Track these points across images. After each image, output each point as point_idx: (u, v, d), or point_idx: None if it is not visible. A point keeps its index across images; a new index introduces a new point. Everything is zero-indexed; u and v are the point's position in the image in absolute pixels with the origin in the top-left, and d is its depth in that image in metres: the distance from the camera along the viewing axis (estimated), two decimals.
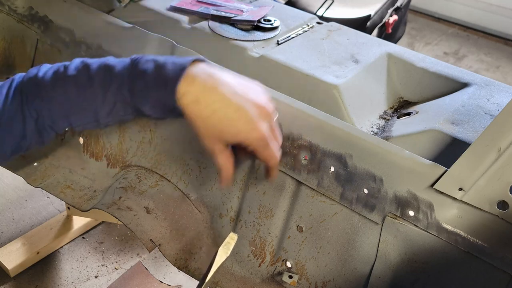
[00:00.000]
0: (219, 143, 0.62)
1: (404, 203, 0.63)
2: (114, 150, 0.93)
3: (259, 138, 0.61)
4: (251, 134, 0.60)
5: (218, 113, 0.59)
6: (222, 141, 0.62)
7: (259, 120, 0.60)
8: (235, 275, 0.80)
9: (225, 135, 0.61)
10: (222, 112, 0.59)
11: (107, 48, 0.88)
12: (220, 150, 0.63)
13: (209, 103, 0.59)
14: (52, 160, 0.97)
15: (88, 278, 1.16)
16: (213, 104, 0.59)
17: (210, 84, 0.59)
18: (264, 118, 0.61)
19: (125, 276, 1.25)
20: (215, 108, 0.59)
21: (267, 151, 0.63)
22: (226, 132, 0.61)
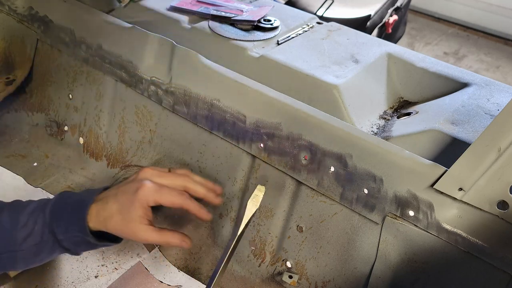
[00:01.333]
0: (144, 232, 0.67)
1: (404, 203, 0.63)
2: (114, 150, 0.93)
3: (145, 193, 0.66)
4: (137, 197, 0.66)
5: (114, 217, 0.66)
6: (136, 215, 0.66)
7: (134, 187, 0.67)
8: (235, 275, 0.80)
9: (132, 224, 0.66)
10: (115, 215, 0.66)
11: (107, 48, 0.88)
12: (154, 235, 0.67)
13: (106, 215, 0.67)
14: (52, 160, 0.97)
15: (88, 278, 1.16)
16: (109, 216, 0.66)
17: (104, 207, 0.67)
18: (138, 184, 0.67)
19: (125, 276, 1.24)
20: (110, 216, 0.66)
21: (166, 197, 0.67)
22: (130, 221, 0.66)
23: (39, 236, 0.67)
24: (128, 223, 0.66)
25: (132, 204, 0.66)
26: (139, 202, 0.66)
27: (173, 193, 0.68)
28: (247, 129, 0.75)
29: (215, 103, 0.77)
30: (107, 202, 0.67)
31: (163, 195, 0.67)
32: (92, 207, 0.67)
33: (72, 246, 0.68)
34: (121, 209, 0.66)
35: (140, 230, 0.66)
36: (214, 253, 0.82)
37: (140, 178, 0.68)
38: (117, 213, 0.66)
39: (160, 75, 0.83)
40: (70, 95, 0.97)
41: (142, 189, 0.66)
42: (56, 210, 0.68)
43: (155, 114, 0.86)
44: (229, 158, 0.79)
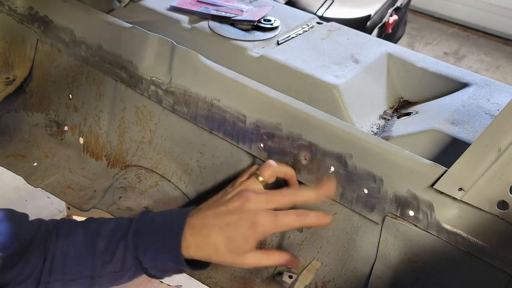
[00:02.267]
0: (253, 258, 0.62)
1: (404, 203, 0.63)
2: (114, 150, 0.93)
3: (264, 228, 0.60)
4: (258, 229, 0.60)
5: (220, 251, 0.61)
6: (249, 248, 0.61)
7: (247, 220, 0.60)
8: (235, 275, 0.80)
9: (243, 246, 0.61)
10: (221, 248, 0.61)
11: (107, 48, 0.88)
12: (264, 259, 0.63)
13: (210, 250, 0.61)
14: (52, 160, 0.97)
15: None
16: (213, 250, 0.61)
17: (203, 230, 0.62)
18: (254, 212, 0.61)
19: None
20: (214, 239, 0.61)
21: (284, 226, 0.62)
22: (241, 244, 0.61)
23: (120, 263, 0.63)
24: (238, 256, 0.61)
25: (246, 240, 0.60)
26: (256, 237, 0.60)
27: (290, 218, 0.62)
28: (247, 129, 0.75)
29: (215, 103, 0.77)
30: (208, 234, 0.61)
31: (281, 224, 0.61)
32: (186, 236, 0.61)
33: (158, 273, 0.64)
34: (230, 244, 0.60)
35: (248, 258, 0.61)
36: None
37: (252, 209, 0.61)
38: (224, 247, 0.60)
39: (160, 75, 0.83)
40: (70, 95, 0.97)
41: (261, 225, 0.60)
42: (140, 235, 0.63)
43: (155, 114, 0.86)
44: (229, 158, 0.79)
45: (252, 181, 0.66)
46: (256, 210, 0.61)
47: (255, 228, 0.60)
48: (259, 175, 0.67)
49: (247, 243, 0.60)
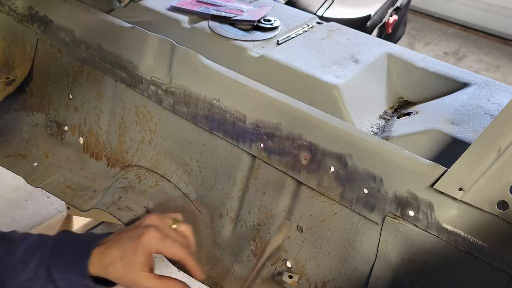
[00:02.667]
0: (145, 279, 0.65)
1: (404, 203, 0.63)
2: (114, 150, 0.93)
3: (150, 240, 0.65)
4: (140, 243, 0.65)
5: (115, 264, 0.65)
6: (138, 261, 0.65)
7: (139, 233, 0.66)
8: (235, 275, 0.80)
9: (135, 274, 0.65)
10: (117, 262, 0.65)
11: (107, 48, 0.88)
12: (155, 283, 0.66)
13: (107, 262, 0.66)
14: (52, 160, 0.97)
15: None
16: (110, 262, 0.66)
17: None
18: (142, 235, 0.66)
19: None
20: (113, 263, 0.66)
21: (169, 248, 0.66)
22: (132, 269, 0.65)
23: (33, 272, 0.66)
24: (129, 270, 0.65)
25: (135, 250, 0.65)
26: (142, 248, 0.65)
27: (175, 246, 0.67)
28: (247, 129, 0.75)
29: (215, 103, 0.77)
30: (109, 247, 0.66)
31: (166, 246, 0.66)
32: (95, 254, 0.66)
33: (66, 286, 0.68)
34: (123, 256, 0.65)
35: (140, 277, 0.65)
36: (214, 253, 0.82)
37: (146, 224, 0.67)
38: (119, 259, 0.65)
39: (160, 75, 0.83)
40: (70, 95, 0.97)
41: (147, 236, 0.65)
42: (56, 250, 0.68)
43: (155, 114, 0.86)
44: (229, 158, 0.79)
45: (166, 217, 0.71)
46: (149, 225, 0.67)
47: (141, 239, 0.64)
48: (176, 223, 0.71)
49: (135, 255, 0.64)
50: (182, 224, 0.72)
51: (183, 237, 0.70)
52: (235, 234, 0.81)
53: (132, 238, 0.66)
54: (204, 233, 0.83)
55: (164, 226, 0.68)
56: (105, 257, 0.65)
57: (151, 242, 0.65)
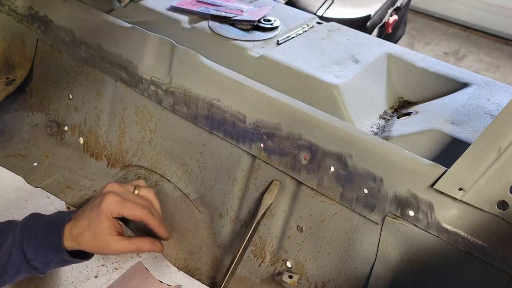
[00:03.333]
0: (114, 242, 0.69)
1: (404, 203, 0.63)
2: (114, 150, 0.93)
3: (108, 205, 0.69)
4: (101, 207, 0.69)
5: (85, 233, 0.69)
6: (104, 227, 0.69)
7: (99, 201, 0.70)
8: (235, 275, 0.80)
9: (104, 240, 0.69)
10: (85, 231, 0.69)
11: (107, 48, 0.88)
12: (124, 244, 0.70)
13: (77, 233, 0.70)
14: (52, 160, 0.97)
15: (88, 278, 1.16)
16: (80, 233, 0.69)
17: None
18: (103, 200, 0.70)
19: (125, 276, 1.24)
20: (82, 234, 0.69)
21: (129, 210, 0.70)
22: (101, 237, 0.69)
23: (7, 256, 0.68)
24: (98, 236, 0.68)
25: (98, 217, 0.68)
26: (104, 214, 0.68)
27: (135, 207, 0.70)
28: (247, 129, 0.75)
29: (215, 103, 0.77)
30: (77, 219, 0.69)
31: (125, 207, 0.69)
32: (66, 229, 0.69)
33: (41, 265, 0.70)
34: (90, 224, 0.68)
35: (110, 241, 0.68)
36: (214, 253, 0.82)
37: (105, 191, 0.71)
38: (87, 228, 0.68)
39: (160, 75, 0.83)
40: (70, 95, 0.97)
41: (105, 201, 0.68)
42: (28, 230, 0.70)
43: (155, 114, 0.86)
44: (229, 158, 0.79)
45: (127, 185, 0.75)
46: (108, 192, 0.70)
47: (101, 205, 0.68)
48: (137, 189, 0.75)
49: (99, 221, 0.68)
50: (143, 189, 0.75)
51: (144, 200, 0.73)
52: (235, 234, 0.81)
53: (94, 207, 0.69)
54: (204, 233, 0.83)
55: (124, 192, 0.72)
56: (74, 229, 0.69)
57: (111, 206, 0.68)
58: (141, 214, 0.70)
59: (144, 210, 0.70)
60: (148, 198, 0.75)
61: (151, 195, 0.75)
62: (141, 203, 0.72)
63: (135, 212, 0.70)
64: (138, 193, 0.74)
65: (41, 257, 0.69)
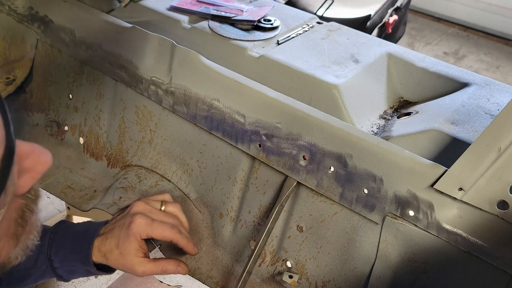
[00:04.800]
0: (140, 265, 0.70)
1: (404, 203, 0.63)
2: (114, 150, 0.93)
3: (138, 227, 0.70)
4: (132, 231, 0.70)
5: (113, 252, 0.71)
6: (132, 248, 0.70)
7: (128, 222, 0.71)
8: (235, 275, 0.80)
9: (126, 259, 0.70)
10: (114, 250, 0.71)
11: (107, 48, 0.88)
12: (150, 266, 0.71)
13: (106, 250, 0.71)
14: (52, 160, 0.97)
15: (88, 278, 1.16)
16: (108, 251, 0.71)
17: None
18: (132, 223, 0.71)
19: (125, 276, 1.24)
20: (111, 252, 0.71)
21: (157, 231, 0.71)
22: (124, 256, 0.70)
23: (33, 261, 0.69)
24: (125, 256, 0.69)
25: (127, 238, 0.69)
26: (133, 236, 0.69)
27: (164, 227, 0.71)
28: (247, 129, 0.75)
29: (215, 103, 0.77)
30: (107, 237, 0.71)
31: (154, 229, 0.70)
32: (95, 242, 0.71)
33: (66, 274, 0.71)
34: (118, 243, 0.70)
35: (136, 263, 0.69)
36: (214, 253, 0.82)
37: (133, 212, 0.72)
38: (115, 248, 0.70)
39: (160, 75, 0.83)
40: (70, 95, 0.97)
41: (135, 223, 0.70)
42: (57, 238, 0.71)
43: (155, 114, 0.86)
44: (229, 158, 0.79)
45: (154, 201, 0.76)
46: (136, 213, 0.71)
47: (131, 227, 0.70)
48: (164, 205, 0.76)
49: (128, 243, 0.69)
50: (170, 204, 0.76)
51: (172, 217, 0.74)
52: (236, 234, 0.81)
53: (123, 227, 0.71)
54: (204, 233, 0.83)
55: (151, 210, 0.73)
56: (103, 246, 0.71)
57: (140, 229, 0.70)
58: (170, 235, 0.71)
59: (172, 230, 0.71)
60: (175, 214, 0.76)
61: (177, 211, 0.76)
62: (169, 221, 0.73)
63: (164, 233, 0.71)
64: (165, 209, 0.75)
65: (67, 267, 0.71)
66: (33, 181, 0.42)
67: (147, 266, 0.70)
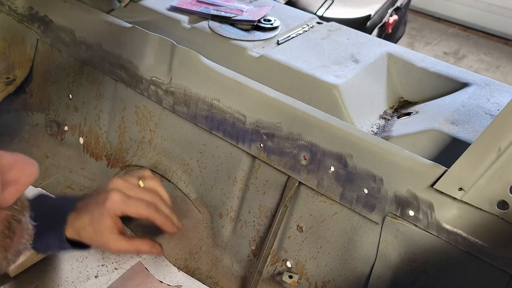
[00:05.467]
0: (114, 242, 0.68)
1: (404, 203, 0.63)
2: (114, 150, 0.93)
3: (112, 204, 0.68)
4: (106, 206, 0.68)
5: (86, 228, 0.68)
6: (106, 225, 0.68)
7: (103, 198, 0.69)
8: (235, 275, 0.80)
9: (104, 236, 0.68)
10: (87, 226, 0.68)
11: (107, 48, 0.88)
12: (124, 244, 0.69)
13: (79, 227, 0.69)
14: (52, 160, 0.97)
15: (88, 278, 1.16)
16: (82, 227, 0.69)
17: None
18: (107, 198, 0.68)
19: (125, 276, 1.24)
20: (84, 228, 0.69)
21: (133, 209, 0.69)
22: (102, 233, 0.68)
23: None
24: (99, 234, 0.68)
25: (101, 215, 0.67)
26: (108, 212, 0.67)
27: (140, 205, 0.69)
28: (247, 129, 0.75)
29: (215, 103, 0.77)
30: (80, 213, 0.69)
31: (129, 206, 0.68)
32: (68, 218, 0.69)
33: (41, 247, 0.70)
34: (92, 220, 0.68)
35: (110, 240, 0.68)
36: (214, 253, 0.82)
37: (109, 188, 0.70)
38: (89, 224, 0.68)
39: (160, 75, 0.83)
40: (70, 95, 0.97)
41: (110, 200, 0.67)
42: (34, 214, 0.70)
43: (155, 114, 0.86)
44: (229, 158, 0.79)
45: (132, 177, 0.73)
46: (113, 189, 0.69)
47: (106, 203, 0.67)
48: (142, 179, 0.73)
49: (102, 220, 0.67)
50: (149, 179, 0.74)
51: (150, 194, 0.71)
52: (235, 234, 0.81)
53: (97, 204, 0.68)
54: (204, 233, 0.83)
55: (129, 187, 0.70)
56: (77, 223, 0.68)
57: (115, 206, 0.67)
58: (146, 213, 0.69)
59: (148, 208, 0.69)
60: (155, 189, 0.73)
61: (157, 185, 0.74)
62: (146, 198, 0.70)
63: (139, 211, 0.69)
64: (144, 185, 0.73)
65: (43, 241, 0.69)
66: (19, 193, 0.41)
67: (121, 244, 0.68)
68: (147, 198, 0.71)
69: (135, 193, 0.70)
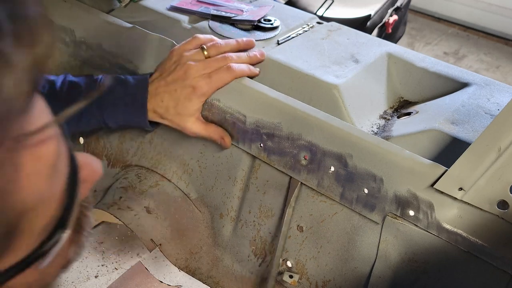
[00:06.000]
0: (193, 123, 0.74)
1: (404, 203, 0.63)
2: (114, 150, 0.93)
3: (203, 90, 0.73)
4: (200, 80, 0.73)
5: (169, 111, 0.74)
6: (193, 108, 0.74)
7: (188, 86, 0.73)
8: (235, 275, 0.80)
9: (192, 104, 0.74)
10: (171, 109, 0.74)
11: (107, 48, 0.88)
12: (201, 127, 0.75)
13: (162, 112, 0.75)
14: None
15: (88, 278, 1.16)
16: (165, 111, 0.75)
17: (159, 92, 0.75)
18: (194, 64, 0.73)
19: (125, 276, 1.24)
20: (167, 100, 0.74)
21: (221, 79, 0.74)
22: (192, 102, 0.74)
23: (86, 124, 0.75)
24: (182, 116, 0.74)
25: (190, 101, 0.73)
26: (199, 99, 0.73)
27: (222, 75, 0.73)
28: (247, 129, 0.75)
29: (215, 103, 0.77)
30: (162, 99, 0.73)
31: (215, 82, 0.73)
32: (148, 103, 0.74)
33: (116, 126, 0.77)
34: (177, 105, 0.73)
35: (189, 122, 0.74)
36: (215, 253, 0.82)
37: (191, 76, 0.73)
38: (173, 108, 0.73)
39: None
40: None
41: (199, 88, 0.73)
42: (106, 103, 0.74)
43: None
44: (230, 158, 0.79)
45: (196, 53, 0.76)
46: (195, 77, 0.73)
47: (195, 91, 0.73)
48: (206, 50, 0.76)
49: (191, 104, 0.73)
50: (209, 47, 0.77)
51: (221, 58, 0.75)
52: (236, 234, 0.81)
53: (183, 90, 0.73)
54: (205, 232, 0.83)
55: (203, 66, 0.74)
56: (159, 108, 0.73)
57: (204, 91, 0.73)
58: (230, 77, 0.74)
59: (230, 71, 0.73)
60: (219, 49, 0.77)
61: (218, 45, 0.77)
62: (221, 65, 0.74)
63: (225, 80, 0.74)
64: (208, 54, 0.76)
65: (119, 122, 0.76)
66: (88, 191, 0.43)
67: (199, 127, 0.74)
68: (222, 64, 0.74)
69: (211, 67, 0.74)
